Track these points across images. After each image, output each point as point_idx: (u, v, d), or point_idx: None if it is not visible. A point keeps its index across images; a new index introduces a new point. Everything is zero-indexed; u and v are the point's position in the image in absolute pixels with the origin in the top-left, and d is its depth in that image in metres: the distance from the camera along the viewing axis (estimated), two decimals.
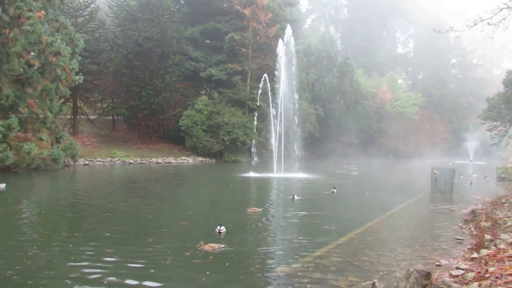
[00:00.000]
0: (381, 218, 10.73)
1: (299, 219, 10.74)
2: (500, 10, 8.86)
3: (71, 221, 10.03)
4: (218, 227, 8.62)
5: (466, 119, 65.29)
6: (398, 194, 16.71)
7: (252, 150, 29.79)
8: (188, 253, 7.00)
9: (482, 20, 9.03)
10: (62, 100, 28.76)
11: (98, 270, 6.12)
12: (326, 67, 47.13)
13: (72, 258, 6.68)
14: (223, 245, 7.43)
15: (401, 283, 5.10)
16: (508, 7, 8.82)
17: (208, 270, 6.22)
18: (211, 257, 6.80)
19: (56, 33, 22.23)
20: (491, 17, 8.94)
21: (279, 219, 10.70)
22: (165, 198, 13.78)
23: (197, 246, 7.31)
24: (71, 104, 33.51)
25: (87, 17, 32.83)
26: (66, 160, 24.05)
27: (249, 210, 11.06)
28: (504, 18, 8.87)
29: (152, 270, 6.20)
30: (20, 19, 20.06)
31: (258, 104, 29.89)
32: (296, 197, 13.32)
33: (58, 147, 22.85)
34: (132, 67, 31.91)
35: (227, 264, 6.52)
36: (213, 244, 7.39)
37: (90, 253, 7.00)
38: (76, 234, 8.31)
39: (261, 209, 11.15)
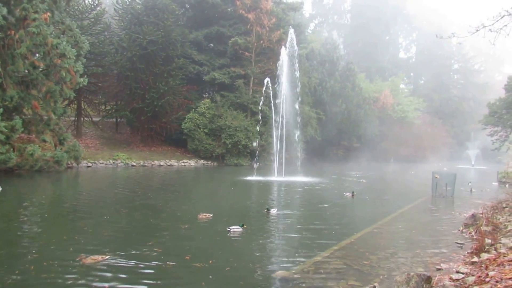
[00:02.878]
0: (382, 222, 10.78)
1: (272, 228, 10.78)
2: (502, 17, 8.98)
3: (72, 224, 10.02)
4: (232, 226, 8.86)
5: (468, 124, 65.40)
6: (399, 199, 16.76)
7: (256, 153, 29.87)
8: (188, 257, 7.04)
9: (484, 27, 9.15)
10: (66, 102, 28.93)
11: (98, 274, 6.10)
12: (328, 71, 47.30)
13: (72, 262, 6.62)
14: (107, 257, 6.76)
15: (402, 287, 5.16)
16: (510, 14, 8.93)
17: (210, 274, 6.27)
18: (210, 261, 6.82)
19: (62, 35, 22.38)
20: (493, 24, 9.05)
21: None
22: (167, 201, 13.84)
23: (77, 258, 6.65)
24: (75, 106, 33.75)
25: (92, 19, 33.13)
26: (69, 162, 24.10)
27: (200, 216, 10.48)
28: (506, 25, 8.99)
29: (151, 273, 6.24)
30: (26, 21, 20.16)
31: (260, 108, 30.01)
32: (272, 211, 11.39)
33: (61, 149, 22.89)
34: (136, 70, 32.15)
35: (227, 269, 6.57)
36: (97, 256, 6.70)
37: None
38: (76, 238, 8.31)
39: (211, 215, 10.58)
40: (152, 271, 6.34)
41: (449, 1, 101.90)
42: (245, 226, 9.11)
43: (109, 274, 6.09)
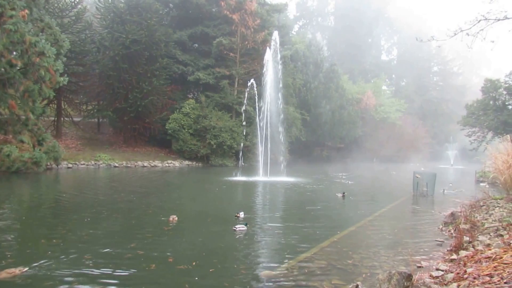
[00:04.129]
0: (365, 221, 10.94)
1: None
2: (478, 22, 9.27)
3: (51, 227, 9.73)
4: (237, 226, 9.17)
5: (447, 125, 67.17)
6: (381, 198, 17.04)
7: (240, 154, 29.91)
8: (171, 260, 6.97)
9: (462, 31, 9.43)
10: (45, 102, 28.22)
11: (75, 279, 5.91)
12: (312, 72, 47.75)
13: (47, 265, 6.43)
14: (26, 269, 6.09)
15: (383, 285, 5.25)
16: (486, 19, 9.22)
17: (194, 276, 6.23)
18: (194, 263, 6.78)
19: (41, 33, 21.78)
20: (470, 28, 9.34)
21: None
22: (150, 203, 13.66)
23: None
24: (55, 105, 33.02)
25: (73, 17, 32.47)
26: (48, 163, 23.57)
27: (170, 219, 10.11)
28: (482, 29, 9.28)
29: (134, 276, 6.15)
30: (2, 18, 19.46)
31: (245, 108, 30.04)
32: (240, 214, 10.74)
33: (40, 149, 22.29)
34: (119, 69, 31.67)
35: (211, 270, 6.54)
36: (13, 269, 5.97)
37: (67, 260, 6.77)
38: (54, 241, 8.06)
39: (176, 217, 10.26)
40: (135, 274, 6.26)
41: (429, 5, 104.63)
42: (248, 225, 9.41)
43: (90, 277, 5.99)
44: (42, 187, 18.69)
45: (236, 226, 9.21)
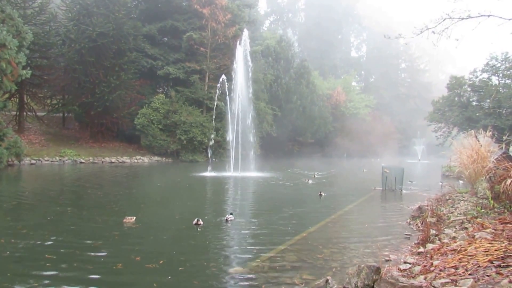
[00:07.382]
0: (335, 216, 11.07)
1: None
2: (443, 20, 9.51)
3: (11, 226, 9.20)
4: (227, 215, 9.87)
5: (415, 120, 69.44)
6: (351, 193, 17.32)
7: (209, 150, 29.65)
8: (138, 258, 6.75)
9: (428, 29, 9.66)
10: (6, 95, 27.07)
11: (37, 280, 5.60)
12: (283, 68, 47.96)
13: (6, 266, 6.08)
14: None
15: (353, 279, 5.28)
16: (450, 18, 9.48)
17: (163, 275, 6.06)
18: (161, 262, 6.59)
19: (1, 25, 20.79)
20: (435, 26, 9.58)
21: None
22: (116, 200, 13.25)
23: None
24: (17, 99, 31.49)
25: (36, 9, 31.03)
26: (9, 159, 22.61)
27: (125, 220, 9.60)
28: (447, 28, 9.54)
29: (99, 276, 5.91)
30: None
31: (215, 103, 29.77)
32: (201, 222, 9.43)
33: (0, 145, 21.36)
34: (85, 62, 30.55)
35: (180, 269, 6.39)
36: None
37: (28, 261, 6.43)
38: (13, 241, 7.62)
39: (134, 217, 9.77)
40: (100, 273, 6.00)
41: (396, 2, 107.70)
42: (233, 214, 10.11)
43: (54, 279, 5.68)
44: (2, 184, 17.78)
45: (227, 217, 9.81)
